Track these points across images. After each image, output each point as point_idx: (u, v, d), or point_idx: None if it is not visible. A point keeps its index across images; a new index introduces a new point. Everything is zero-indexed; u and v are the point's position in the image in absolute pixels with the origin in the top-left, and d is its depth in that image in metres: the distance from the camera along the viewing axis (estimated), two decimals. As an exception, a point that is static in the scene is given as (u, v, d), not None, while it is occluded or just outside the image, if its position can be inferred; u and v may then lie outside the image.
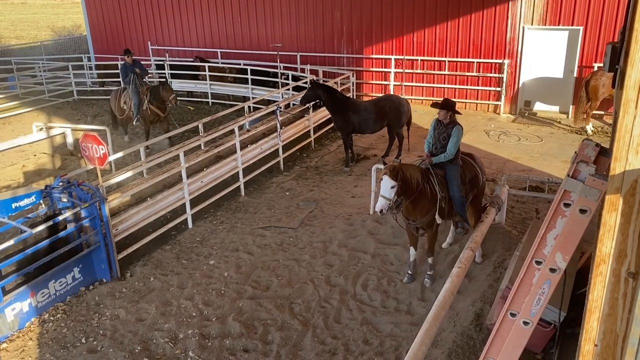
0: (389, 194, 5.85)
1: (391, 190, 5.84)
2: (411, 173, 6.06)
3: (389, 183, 5.83)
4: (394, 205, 6.05)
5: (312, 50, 16.95)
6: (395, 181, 5.83)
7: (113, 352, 5.75)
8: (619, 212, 1.52)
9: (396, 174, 5.85)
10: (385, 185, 5.86)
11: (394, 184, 5.83)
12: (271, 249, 7.87)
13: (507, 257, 6.88)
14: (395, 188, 5.84)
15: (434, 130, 6.55)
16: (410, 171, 6.06)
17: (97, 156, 6.86)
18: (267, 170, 10.71)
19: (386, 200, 5.86)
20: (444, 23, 14.76)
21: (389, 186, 5.84)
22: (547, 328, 5.18)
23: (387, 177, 5.84)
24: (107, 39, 20.90)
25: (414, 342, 4.30)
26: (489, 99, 14.77)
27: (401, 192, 5.96)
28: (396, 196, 5.91)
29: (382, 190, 5.89)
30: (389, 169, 5.88)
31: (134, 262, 7.54)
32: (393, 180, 5.82)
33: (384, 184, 5.87)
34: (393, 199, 5.90)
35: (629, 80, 1.43)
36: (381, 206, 5.88)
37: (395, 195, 5.89)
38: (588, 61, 13.24)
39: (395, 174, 5.85)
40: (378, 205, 5.93)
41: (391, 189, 5.84)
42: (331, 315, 6.31)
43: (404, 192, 6.00)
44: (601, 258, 1.60)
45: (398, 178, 5.85)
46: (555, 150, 11.43)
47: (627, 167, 1.48)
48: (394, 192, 5.86)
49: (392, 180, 5.82)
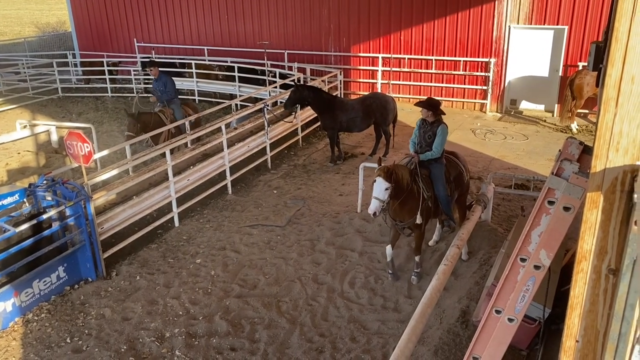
0: (382, 195, 5.79)
1: (385, 192, 5.78)
2: (402, 173, 6.02)
3: (383, 185, 5.77)
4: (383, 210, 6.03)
5: (299, 48, 16.92)
6: (390, 183, 5.77)
7: (98, 351, 5.70)
8: (599, 210, 1.54)
9: (390, 176, 5.78)
10: (379, 187, 5.79)
11: (388, 185, 5.77)
12: (258, 247, 7.85)
13: (493, 255, 6.94)
14: (389, 190, 5.79)
15: (419, 129, 6.55)
16: (401, 172, 6.02)
17: (82, 154, 6.79)
18: (255, 168, 10.68)
19: (379, 202, 5.81)
20: (431, 21, 14.81)
21: (382, 188, 5.78)
22: (532, 325, 5.24)
23: (381, 178, 5.78)
24: (93, 36, 20.68)
25: (401, 339, 4.32)
26: (476, 98, 14.86)
27: (393, 194, 5.92)
28: (389, 198, 5.88)
29: (375, 192, 5.81)
30: (383, 171, 5.81)
31: (120, 261, 7.48)
32: (387, 182, 5.76)
33: (378, 186, 5.80)
34: (386, 201, 5.86)
35: (609, 78, 1.45)
36: (374, 208, 5.80)
37: (389, 197, 5.85)
38: (573, 60, 13.37)
39: (389, 175, 5.78)
40: (371, 207, 5.84)
41: (385, 191, 5.78)
42: (318, 313, 6.32)
43: (395, 193, 5.95)
44: (582, 255, 1.62)
45: (392, 179, 5.79)
46: (541, 148, 11.54)
47: (608, 165, 1.50)
48: (388, 194, 5.81)
49: (386, 182, 5.76)
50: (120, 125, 14.67)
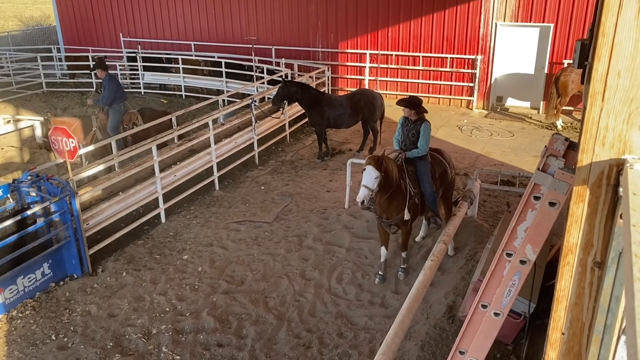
0: (372, 184, 5.81)
1: (374, 180, 5.80)
2: (392, 166, 6.05)
3: (372, 173, 5.79)
4: (372, 200, 6.04)
5: (287, 44, 16.88)
6: (379, 172, 5.79)
7: (84, 348, 5.65)
8: (585, 203, 1.56)
9: (380, 165, 5.81)
10: (368, 176, 5.81)
11: (377, 174, 5.79)
12: (246, 243, 7.83)
13: (479, 250, 6.99)
14: (378, 179, 5.81)
15: (402, 127, 6.57)
16: (391, 164, 6.05)
17: (67, 149, 6.72)
18: (242, 164, 10.65)
19: (368, 190, 5.81)
20: (418, 18, 14.86)
21: (372, 176, 5.79)
22: (518, 319, 5.29)
23: (371, 167, 5.79)
24: (78, 30, 20.42)
25: (388, 334, 4.34)
26: (462, 95, 14.95)
27: (382, 185, 5.92)
28: (378, 187, 5.91)
29: (364, 181, 5.83)
30: (373, 159, 5.84)
31: (106, 257, 7.41)
32: (377, 171, 5.78)
33: (367, 174, 5.81)
34: (375, 190, 5.88)
35: (596, 73, 1.47)
36: (363, 196, 5.81)
37: (378, 186, 5.88)
38: (558, 58, 13.51)
39: (379, 164, 5.80)
40: (360, 195, 5.84)
41: (374, 180, 5.80)
42: (306, 309, 6.32)
43: (383, 186, 5.95)
44: (569, 248, 1.64)
45: (382, 169, 5.82)
46: (527, 145, 11.64)
47: (594, 159, 1.52)
48: (377, 183, 5.82)
49: (376, 171, 5.78)
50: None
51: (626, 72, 1.46)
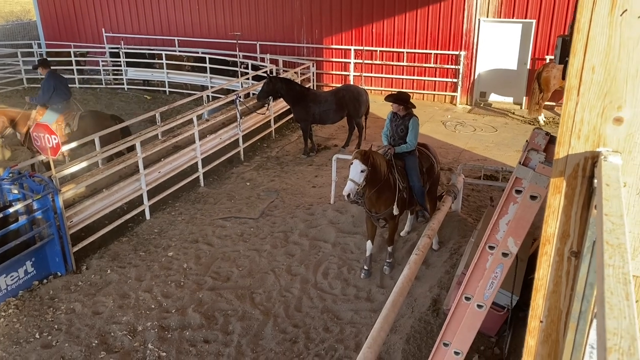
0: (358, 178, 5.85)
1: (361, 174, 5.84)
2: (380, 160, 6.09)
3: (359, 167, 5.84)
4: (360, 194, 6.09)
5: (272, 40, 16.83)
6: (366, 166, 5.84)
7: (69, 346, 5.62)
8: (562, 195, 1.61)
9: (367, 159, 5.85)
10: (355, 169, 5.86)
11: (364, 168, 5.83)
12: (231, 239, 7.82)
13: (463, 244, 7.08)
14: (365, 173, 5.85)
15: (391, 123, 6.62)
16: (379, 158, 6.09)
17: (49, 146, 6.64)
18: (227, 160, 10.61)
19: (355, 184, 5.85)
20: (402, 14, 14.91)
21: (358, 170, 5.84)
22: (501, 312, 5.37)
23: (358, 161, 5.84)
24: (59, 25, 20.12)
25: (374, 328, 4.38)
26: (446, 90, 15.05)
27: (369, 179, 5.97)
28: (365, 182, 5.95)
29: (351, 174, 5.87)
30: (360, 154, 5.90)
31: (90, 255, 7.36)
32: (363, 165, 5.83)
33: (354, 168, 5.86)
34: (362, 184, 5.92)
35: (572, 68, 1.51)
36: (349, 190, 5.85)
37: (364, 180, 5.91)
38: (540, 53, 13.66)
39: (366, 158, 5.85)
40: (346, 188, 5.88)
41: (361, 173, 5.84)
42: (292, 304, 6.35)
43: (370, 180, 6.00)
44: (546, 238, 1.68)
45: (368, 163, 5.86)
46: (509, 140, 11.77)
47: (570, 152, 1.57)
48: (363, 177, 5.87)
49: (362, 165, 5.83)
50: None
51: (600, 67, 1.50)
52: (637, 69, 1.48)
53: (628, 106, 1.50)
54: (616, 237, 0.99)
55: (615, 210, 1.08)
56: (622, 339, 0.78)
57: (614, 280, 0.88)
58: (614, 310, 0.82)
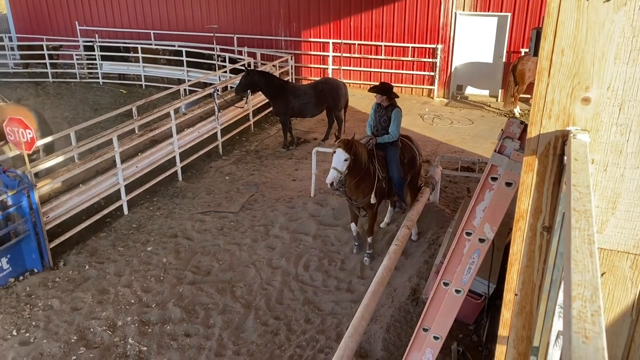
0: (341, 166, 5.98)
1: (344, 162, 5.98)
2: (361, 150, 6.22)
3: (342, 156, 5.96)
4: (342, 182, 6.19)
5: (249, 33, 16.73)
6: (349, 154, 5.96)
7: (47, 343, 5.55)
8: (534, 172, 1.67)
9: (349, 148, 5.98)
10: (337, 158, 5.98)
11: (347, 156, 5.96)
12: (211, 233, 7.80)
13: (441, 234, 7.18)
14: (347, 161, 5.98)
15: (375, 113, 6.71)
16: (360, 148, 6.22)
17: (23, 141, 6.52)
18: (206, 154, 10.55)
19: (337, 172, 5.98)
20: (380, 8, 14.95)
21: (342, 159, 5.96)
22: (479, 300, 5.48)
23: (341, 149, 5.97)
24: (31, 18, 19.67)
25: (354, 318, 4.42)
26: (424, 84, 15.17)
27: (351, 167, 6.09)
28: (347, 170, 6.03)
29: (334, 163, 5.99)
30: (343, 142, 6.02)
31: (68, 251, 7.26)
32: (346, 153, 5.96)
33: (337, 157, 5.98)
34: (344, 172, 6.03)
35: (542, 51, 1.57)
36: (332, 178, 5.97)
37: (347, 169, 6.02)
38: (516, 46, 13.85)
39: (349, 147, 5.98)
40: (329, 177, 6.00)
41: (344, 162, 5.97)
42: (273, 297, 6.37)
43: (352, 168, 6.13)
44: (520, 214, 1.75)
45: (351, 152, 5.99)
46: (485, 132, 11.94)
47: (542, 131, 1.63)
48: (346, 166, 6.00)
49: (345, 153, 5.95)
50: (63, 112, 14.14)
51: (569, 50, 1.57)
52: (603, 52, 1.55)
53: (595, 87, 1.57)
54: (582, 205, 1.04)
55: (582, 181, 1.14)
56: (586, 289, 0.84)
57: (580, 241, 0.94)
58: (579, 265, 0.88)
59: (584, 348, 0.72)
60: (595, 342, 0.72)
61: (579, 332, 0.74)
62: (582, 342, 0.73)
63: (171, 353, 5.50)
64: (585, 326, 0.75)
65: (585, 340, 0.73)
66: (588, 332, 0.74)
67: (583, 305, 0.79)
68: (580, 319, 0.77)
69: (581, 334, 0.74)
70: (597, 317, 0.77)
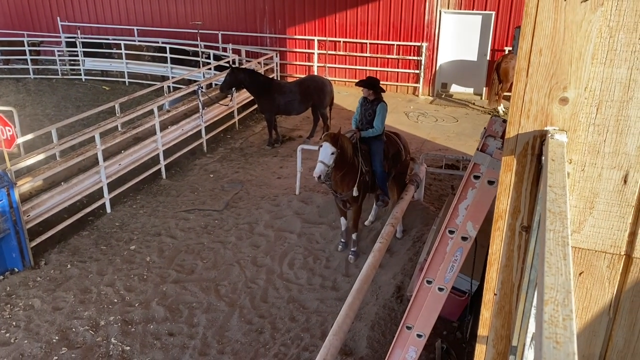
0: (328, 159, 6.01)
1: (331, 156, 6.01)
2: (347, 144, 6.27)
3: (329, 149, 6.00)
4: (328, 175, 6.22)
5: (234, 29, 16.62)
6: (335, 148, 6.00)
7: (28, 343, 5.47)
8: (513, 172, 1.68)
9: (336, 141, 6.03)
10: (324, 152, 6.01)
11: (333, 150, 6.00)
12: (195, 232, 7.75)
13: (426, 232, 7.21)
14: (334, 155, 6.02)
15: (361, 107, 6.75)
16: (346, 142, 6.27)
17: (3, 138, 6.42)
18: (190, 152, 10.47)
19: (325, 166, 6.02)
20: (365, 5, 14.95)
21: (328, 152, 6.00)
22: (462, 297, 5.51)
23: (328, 143, 6.01)
24: (11, 14, 19.34)
25: (339, 316, 4.42)
26: (408, 81, 15.21)
27: (337, 161, 6.13)
28: (334, 163, 6.06)
29: (321, 156, 6.03)
30: (330, 136, 6.08)
31: (49, 250, 7.16)
32: (333, 147, 6.00)
33: (324, 150, 6.02)
34: (331, 166, 6.06)
35: (521, 51, 1.57)
36: (319, 171, 6.01)
37: (334, 162, 6.05)
38: (500, 45, 13.94)
39: (336, 141, 6.03)
40: (317, 170, 6.04)
41: (331, 155, 6.01)
42: (258, 295, 6.35)
43: (338, 162, 6.17)
44: (499, 214, 1.76)
45: (338, 145, 6.02)
46: (470, 130, 12.01)
47: (520, 131, 1.63)
48: (333, 159, 6.03)
49: (332, 147, 6.00)
50: (45, 109, 13.93)
51: (547, 50, 1.57)
52: (580, 52, 1.55)
53: (572, 87, 1.57)
54: (558, 206, 1.04)
55: (558, 182, 1.14)
56: (558, 292, 0.84)
57: (554, 243, 0.94)
58: (552, 268, 0.88)
59: (555, 353, 0.71)
60: (567, 347, 0.72)
61: (550, 337, 0.74)
62: (552, 347, 0.73)
63: (154, 352, 5.46)
64: (557, 331, 0.75)
65: (557, 345, 0.73)
66: (559, 337, 0.74)
67: (555, 310, 0.79)
68: (552, 323, 0.77)
69: (552, 339, 0.74)
70: (568, 321, 0.77)
